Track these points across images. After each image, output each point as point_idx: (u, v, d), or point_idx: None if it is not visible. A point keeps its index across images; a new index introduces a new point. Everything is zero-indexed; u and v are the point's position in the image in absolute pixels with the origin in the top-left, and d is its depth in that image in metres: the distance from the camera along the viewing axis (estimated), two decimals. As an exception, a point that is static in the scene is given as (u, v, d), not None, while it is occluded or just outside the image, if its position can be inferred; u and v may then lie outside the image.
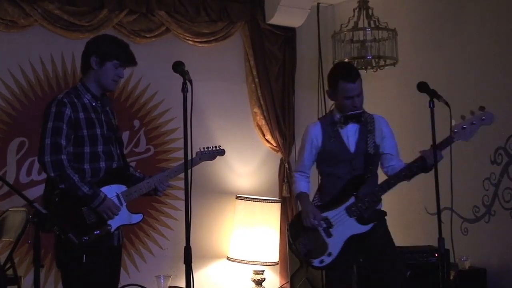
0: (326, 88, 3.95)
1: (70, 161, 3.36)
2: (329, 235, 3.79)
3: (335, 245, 3.77)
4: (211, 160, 3.92)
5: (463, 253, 4.79)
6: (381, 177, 3.91)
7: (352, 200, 3.78)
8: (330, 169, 3.88)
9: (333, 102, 3.99)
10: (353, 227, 3.76)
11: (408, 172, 3.73)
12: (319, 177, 4.04)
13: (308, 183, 4.01)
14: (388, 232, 3.90)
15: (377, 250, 3.80)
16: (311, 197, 3.98)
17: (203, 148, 3.83)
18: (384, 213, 3.89)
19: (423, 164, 3.68)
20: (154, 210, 5.45)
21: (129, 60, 3.54)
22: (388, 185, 3.77)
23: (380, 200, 3.86)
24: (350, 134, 3.85)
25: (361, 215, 3.76)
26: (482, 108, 3.65)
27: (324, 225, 3.79)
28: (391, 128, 3.95)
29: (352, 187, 3.79)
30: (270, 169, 5.97)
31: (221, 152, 3.95)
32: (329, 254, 3.77)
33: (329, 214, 3.80)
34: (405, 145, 3.99)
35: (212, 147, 3.91)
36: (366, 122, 3.86)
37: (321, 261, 3.79)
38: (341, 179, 3.83)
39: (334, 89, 3.84)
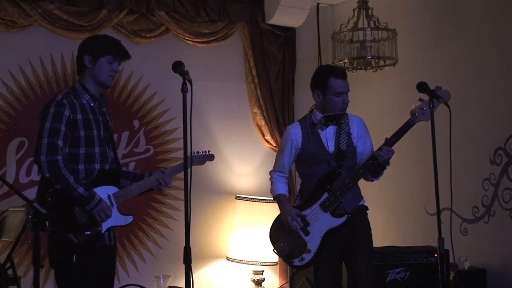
0: (312, 90, 3.93)
1: (65, 161, 3.37)
2: (307, 233, 3.84)
3: (313, 242, 3.82)
4: (201, 164, 3.92)
5: (462, 254, 4.79)
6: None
7: (325, 195, 3.82)
8: (309, 170, 3.92)
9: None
10: (329, 222, 3.80)
11: (363, 168, 3.76)
12: (300, 179, 4.06)
13: (286, 184, 4.06)
14: (367, 230, 3.92)
15: (351, 248, 3.84)
16: (293, 199, 4.01)
17: (194, 152, 3.82)
18: (365, 208, 3.93)
19: (376, 161, 3.72)
20: (153, 210, 5.45)
21: (122, 54, 3.53)
22: (357, 174, 3.79)
23: (361, 196, 3.92)
24: (329, 136, 3.88)
25: (335, 208, 3.80)
26: (438, 88, 3.63)
27: (302, 225, 3.84)
28: (366, 128, 3.99)
29: (325, 183, 3.83)
30: (270, 169, 5.94)
31: (211, 157, 3.97)
32: (308, 251, 3.83)
33: (305, 212, 3.85)
34: (405, 146, 3.99)
35: (202, 151, 3.91)
36: (344, 122, 3.89)
37: (301, 259, 3.86)
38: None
39: (323, 87, 3.84)
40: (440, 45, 5.44)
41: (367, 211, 3.96)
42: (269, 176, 4.13)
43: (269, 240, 4.04)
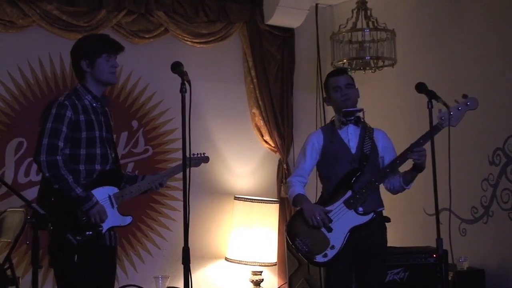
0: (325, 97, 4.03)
1: (65, 161, 3.37)
2: (329, 229, 3.78)
3: (337, 238, 3.76)
4: (196, 166, 3.93)
5: (461, 254, 4.79)
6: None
7: (349, 193, 3.79)
8: (331, 171, 3.88)
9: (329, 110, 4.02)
10: (353, 219, 3.77)
11: (402, 159, 3.76)
12: (321, 184, 4.02)
13: (304, 187, 3.97)
14: (385, 241, 3.91)
15: (367, 256, 3.81)
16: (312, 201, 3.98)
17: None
18: (387, 219, 3.91)
19: (403, 160, 3.75)
20: (152, 211, 5.45)
21: (115, 47, 3.54)
22: (384, 173, 3.79)
23: (381, 201, 3.89)
24: (350, 137, 3.87)
25: (360, 206, 3.78)
26: (465, 96, 3.69)
27: (326, 221, 3.78)
28: (391, 140, 3.99)
29: (347, 180, 3.81)
30: (269, 169, 5.97)
31: (206, 159, 4.00)
32: (332, 247, 3.76)
33: (329, 208, 3.80)
34: (404, 146, 3.99)
35: (197, 153, 3.92)
36: (368, 129, 3.90)
37: (324, 255, 3.76)
38: None
39: (326, 89, 3.99)
40: (439, 45, 5.44)
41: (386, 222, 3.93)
42: (287, 182, 4.08)
43: (288, 237, 3.95)
